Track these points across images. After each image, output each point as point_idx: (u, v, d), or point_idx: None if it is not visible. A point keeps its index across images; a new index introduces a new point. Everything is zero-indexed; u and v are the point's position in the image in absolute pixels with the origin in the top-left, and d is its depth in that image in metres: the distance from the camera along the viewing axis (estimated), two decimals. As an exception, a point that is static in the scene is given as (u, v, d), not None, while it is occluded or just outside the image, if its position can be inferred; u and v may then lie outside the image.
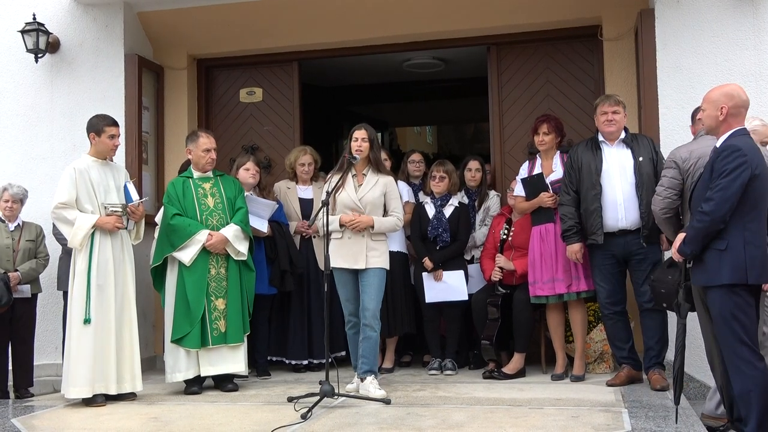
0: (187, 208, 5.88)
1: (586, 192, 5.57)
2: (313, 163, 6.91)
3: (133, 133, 7.06)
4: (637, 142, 5.58)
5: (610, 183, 5.53)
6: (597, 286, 5.67)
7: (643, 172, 5.43)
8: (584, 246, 5.63)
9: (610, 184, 5.53)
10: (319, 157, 7.02)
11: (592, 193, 5.54)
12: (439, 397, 5.39)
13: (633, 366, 5.59)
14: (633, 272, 5.58)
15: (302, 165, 6.88)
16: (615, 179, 5.52)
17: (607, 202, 5.51)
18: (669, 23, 6.11)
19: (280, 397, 5.46)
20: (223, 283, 5.86)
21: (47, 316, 6.98)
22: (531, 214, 6.01)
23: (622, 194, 5.48)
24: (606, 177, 5.54)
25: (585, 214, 5.57)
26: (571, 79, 7.23)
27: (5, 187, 6.47)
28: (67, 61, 7.26)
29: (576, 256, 5.63)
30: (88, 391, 5.39)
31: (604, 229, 5.51)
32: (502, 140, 7.36)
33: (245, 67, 7.93)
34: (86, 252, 5.48)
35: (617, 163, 5.55)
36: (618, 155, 5.57)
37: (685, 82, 6.04)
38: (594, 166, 5.57)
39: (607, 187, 5.53)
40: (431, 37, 7.43)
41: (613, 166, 5.55)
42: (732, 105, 4.28)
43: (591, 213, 5.55)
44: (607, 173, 5.55)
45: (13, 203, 6.44)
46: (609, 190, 5.52)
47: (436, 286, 6.44)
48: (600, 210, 5.51)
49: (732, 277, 4.12)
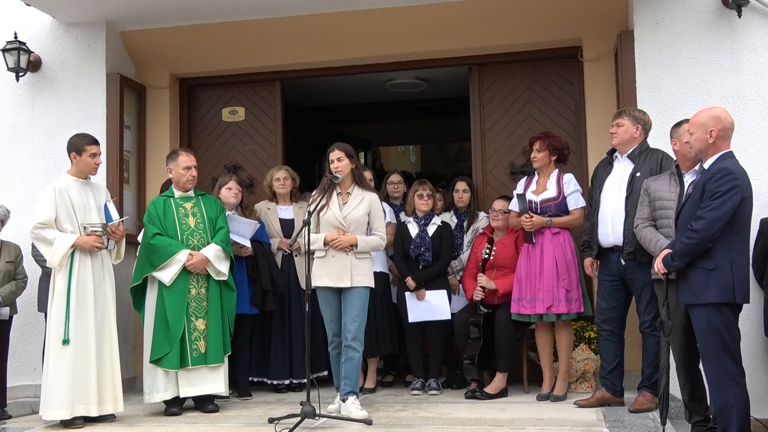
0: (167, 227, 5.85)
1: (593, 206, 5.60)
2: (290, 179, 6.87)
3: (114, 152, 7.03)
4: (645, 156, 5.44)
5: (606, 198, 5.50)
6: (597, 302, 5.67)
7: (635, 188, 5.32)
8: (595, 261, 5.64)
9: (606, 199, 5.50)
10: (296, 176, 6.99)
11: (594, 207, 5.57)
12: (421, 417, 5.36)
13: (608, 389, 5.51)
14: (632, 292, 5.51)
15: (278, 180, 6.85)
16: (611, 194, 5.48)
17: (601, 217, 5.51)
18: (648, 44, 6.16)
19: (261, 418, 5.42)
20: (204, 303, 5.82)
21: (25, 336, 6.90)
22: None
23: (612, 210, 5.43)
24: (605, 192, 5.52)
25: (591, 228, 5.60)
26: (551, 99, 7.28)
27: None
28: (48, 79, 7.23)
29: (587, 270, 5.67)
30: (66, 413, 5.32)
31: (602, 245, 5.51)
32: (483, 159, 7.39)
33: (228, 86, 7.93)
34: (65, 272, 5.44)
35: (617, 178, 5.50)
36: (622, 170, 5.50)
37: (665, 102, 6.08)
38: (600, 181, 5.58)
39: (603, 203, 5.50)
40: (414, 57, 7.46)
41: (614, 181, 5.51)
42: (720, 128, 4.36)
43: (591, 227, 5.59)
44: (607, 188, 5.52)
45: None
46: (604, 206, 5.50)
47: (418, 306, 6.43)
48: (596, 225, 5.53)
49: (720, 296, 4.20)
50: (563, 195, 5.83)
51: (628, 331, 5.66)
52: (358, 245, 5.51)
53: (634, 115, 5.53)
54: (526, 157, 6.93)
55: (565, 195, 5.83)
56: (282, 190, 6.86)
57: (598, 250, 5.57)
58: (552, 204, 5.84)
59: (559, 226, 5.81)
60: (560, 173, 5.94)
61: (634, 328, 5.65)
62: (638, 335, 5.56)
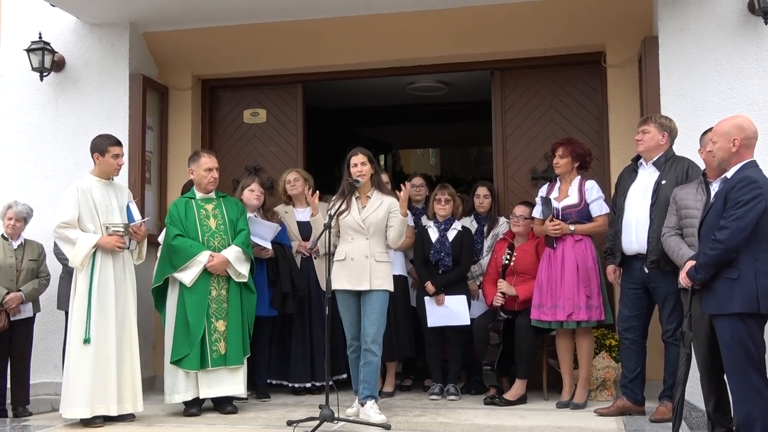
0: (189, 228, 5.87)
1: (617, 213, 5.56)
2: (300, 180, 6.85)
3: (136, 153, 7.07)
4: (671, 164, 5.37)
5: (630, 205, 5.45)
6: (619, 310, 5.63)
7: (661, 195, 5.27)
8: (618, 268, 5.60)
9: (630, 206, 5.45)
10: (309, 176, 6.97)
11: (618, 214, 5.53)
12: (440, 423, 5.34)
13: (629, 397, 5.46)
14: (655, 301, 5.44)
15: (289, 182, 6.85)
16: (636, 202, 5.42)
17: (625, 224, 5.45)
18: (673, 51, 6.12)
19: (280, 420, 5.42)
20: (224, 304, 5.83)
21: (47, 334, 6.96)
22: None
23: (636, 217, 5.38)
24: (629, 199, 5.47)
25: (615, 235, 5.57)
26: (574, 105, 7.24)
27: (10, 205, 6.45)
28: (72, 80, 7.28)
29: (610, 278, 5.64)
30: (86, 412, 5.35)
31: (625, 252, 5.46)
32: (505, 164, 7.36)
33: (250, 88, 7.94)
34: (87, 272, 5.47)
35: (642, 186, 5.44)
36: (647, 177, 5.45)
37: (689, 109, 6.03)
38: (624, 188, 5.54)
39: (628, 210, 5.45)
40: (436, 61, 7.45)
41: (639, 188, 5.45)
42: (744, 137, 4.31)
43: (614, 235, 5.55)
44: (631, 195, 5.47)
45: (17, 221, 6.42)
46: (628, 213, 5.45)
47: (438, 311, 6.41)
48: (620, 232, 5.49)
49: (744, 306, 4.15)
50: (585, 201, 5.81)
51: (651, 339, 5.61)
52: None
53: (660, 122, 5.48)
54: (548, 163, 6.90)
55: (587, 201, 5.81)
56: (294, 191, 6.86)
57: (621, 258, 5.53)
58: (573, 211, 5.81)
59: (583, 233, 5.78)
60: (582, 180, 5.91)
61: (656, 337, 5.60)
62: (661, 344, 5.51)
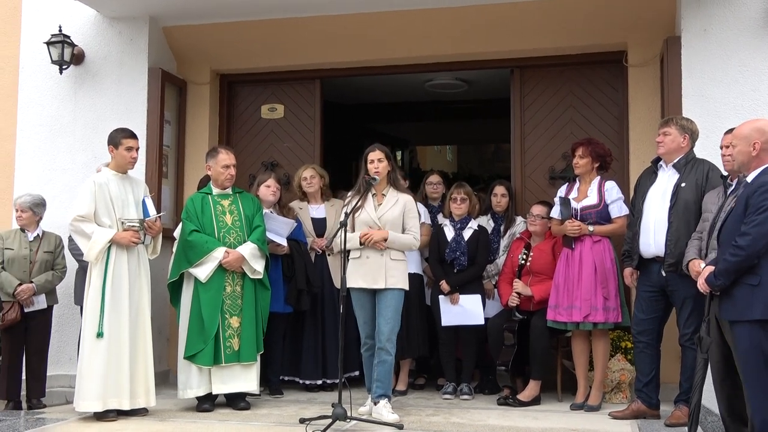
0: (205, 224, 5.87)
1: (635, 216, 5.50)
2: (317, 177, 6.86)
3: (154, 147, 7.07)
4: (691, 167, 5.31)
5: (649, 208, 5.39)
6: (634, 313, 5.58)
7: (680, 198, 5.22)
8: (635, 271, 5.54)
9: (649, 208, 5.39)
10: (325, 173, 6.98)
11: (637, 217, 5.47)
12: (453, 423, 5.32)
13: (644, 401, 5.42)
14: (673, 304, 5.39)
15: (305, 179, 6.85)
16: (655, 204, 5.37)
17: (643, 227, 5.40)
18: (695, 51, 6.05)
19: (292, 417, 5.41)
20: (238, 301, 5.83)
21: (63, 327, 6.99)
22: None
23: (655, 220, 5.32)
24: (648, 201, 5.41)
25: (633, 238, 5.50)
26: (594, 105, 7.17)
27: (20, 196, 6.50)
28: (91, 73, 7.30)
29: (627, 281, 5.58)
30: (98, 405, 5.37)
31: (643, 255, 5.41)
32: (523, 163, 7.31)
33: (267, 83, 7.93)
34: (101, 266, 5.48)
35: (661, 188, 5.39)
36: (667, 179, 5.39)
37: (711, 110, 5.96)
38: (643, 190, 5.48)
39: (646, 212, 5.40)
40: (454, 58, 7.41)
41: (658, 190, 5.40)
42: (764, 140, 4.24)
43: (632, 237, 5.49)
44: (650, 197, 5.42)
45: (22, 212, 6.44)
46: (647, 215, 5.39)
47: (452, 310, 6.38)
48: (638, 234, 5.43)
49: (764, 313, 4.08)
50: (604, 202, 5.76)
51: (667, 343, 5.55)
52: (388, 239, 5.48)
53: (681, 124, 5.41)
54: (566, 163, 6.85)
55: (606, 202, 5.76)
56: (310, 189, 6.85)
57: (639, 261, 5.47)
58: (593, 211, 5.76)
59: (601, 234, 5.73)
60: (602, 180, 5.86)
61: (672, 340, 5.54)
62: (677, 347, 5.45)
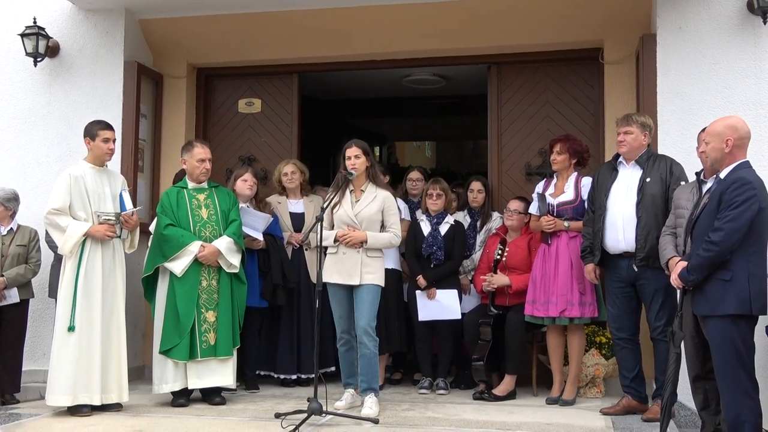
0: (180, 218, 5.84)
1: (597, 212, 5.53)
2: (297, 173, 6.86)
3: (129, 141, 7.01)
4: (653, 163, 5.39)
5: (614, 204, 5.43)
6: (608, 310, 5.61)
7: (647, 193, 5.29)
8: (597, 267, 5.55)
9: (614, 205, 5.43)
10: (305, 169, 6.98)
11: (599, 213, 5.50)
12: (428, 417, 5.33)
13: (634, 396, 5.45)
14: (642, 299, 5.44)
15: (285, 174, 6.85)
16: (620, 200, 5.41)
17: (609, 223, 5.43)
18: (670, 49, 6.09)
19: (268, 412, 5.41)
20: (214, 295, 5.81)
21: (37, 321, 6.91)
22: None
23: (623, 216, 5.37)
24: (612, 198, 5.45)
25: (595, 234, 5.53)
26: (570, 101, 7.22)
27: None
28: (66, 65, 7.22)
29: (589, 276, 5.59)
30: (68, 400, 5.34)
31: (609, 251, 5.44)
32: (500, 159, 7.34)
33: (245, 77, 7.90)
34: (75, 259, 5.44)
35: (625, 184, 5.43)
36: (630, 176, 5.45)
37: (685, 108, 6.01)
38: (605, 187, 5.51)
39: (611, 208, 5.44)
40: (432, 54, 7.41)
41: (622, 186, 5.44)
42: (737, 137, 4.30)
43: (595, 233, 5.51)
44: (614, 194, 5.46)
45: None
46: (612, 211, 5.43)
47: (429, 305, 6.40)
48: (602, 231, 5.46)
49: (737, 308, 4.16)
50: (581, 198, 5.80)
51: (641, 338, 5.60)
52: (368, 241, 5.48)
53: (641, 122, 5.49)
54: (543, 159, 6.89)
55: (582, 198, 5.79)
56: (290, 184, 6.85)
57: (605, 257, 5.50)
58: (569, 207, 5.80)
59: (577, 230, 5.76)
60: (578, 176, 5.90)
61: (644, 336, 5.59)
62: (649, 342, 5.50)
